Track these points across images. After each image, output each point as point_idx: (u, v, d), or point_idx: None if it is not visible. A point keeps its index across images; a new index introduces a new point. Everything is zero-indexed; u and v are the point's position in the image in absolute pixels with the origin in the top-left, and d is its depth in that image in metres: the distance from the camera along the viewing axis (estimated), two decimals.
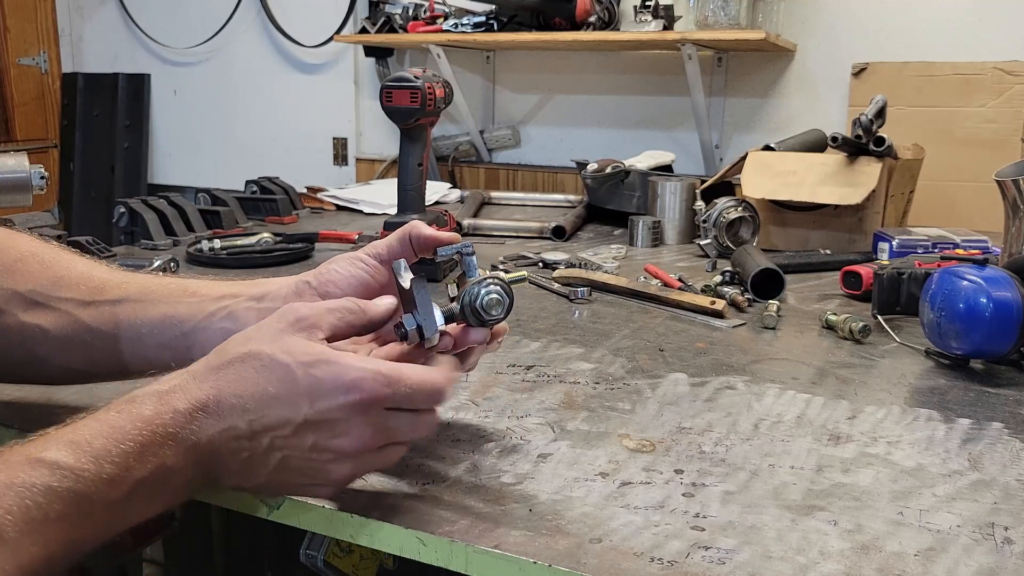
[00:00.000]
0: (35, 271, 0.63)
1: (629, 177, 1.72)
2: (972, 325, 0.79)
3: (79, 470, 0.44)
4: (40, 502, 0.42)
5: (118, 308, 0.62)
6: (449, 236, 0.63)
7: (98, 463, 0.44)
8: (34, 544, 0.41)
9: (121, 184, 3.02)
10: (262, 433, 0.50)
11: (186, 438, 0.48)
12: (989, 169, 1.06)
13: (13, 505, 0.41)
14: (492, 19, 2.13)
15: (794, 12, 2.08)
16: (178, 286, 0.63)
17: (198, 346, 0.60)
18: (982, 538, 0.51)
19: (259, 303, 0.61)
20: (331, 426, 0.50)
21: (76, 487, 0.43)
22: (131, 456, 0.46)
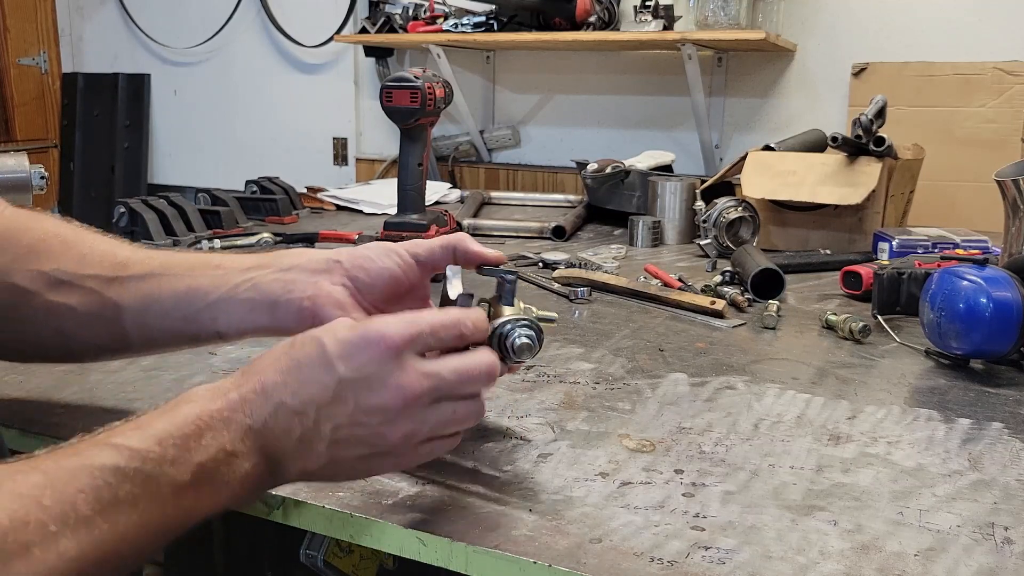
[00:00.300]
0: (58, 250, 0.63)
1: (629, 177, 1.72)
2: (972, 325, 0.79)
3: (144, 451, 0.45)
4: (110, 481, 0.43)
5: (143, 283, 0.62)
6: (495, 256, 0.62)
7: (162, 445, 0.45)
8: (106, 522, 0.42)
9: (121, 184, 3.02)
10: (308, 405, 0.49)
11: (242, 422, 0.48)
12: (989, 169, 1.06)
13: (85, 484, 0.42)
14: (492, 19, 2.13)
15: (794, 12, 2.08)
16: (201, 260, 0.63)
17: (223, 317, 0.60)
18: (982, 538, 0.51)
19: (286, 273, 0.61)
20: (367, 382, 0.49)
21: (143, 467, 0.44)
22: (191, 438, 0.46)
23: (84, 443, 0.45)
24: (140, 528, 0.44)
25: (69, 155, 3.11)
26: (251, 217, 1.72)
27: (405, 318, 0.51)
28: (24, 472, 0.42)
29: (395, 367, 0.50)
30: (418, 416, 0.51)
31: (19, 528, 0.39)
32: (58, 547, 0.40)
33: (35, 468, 0.43)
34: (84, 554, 0.41)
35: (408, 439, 0.51)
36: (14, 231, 0.63)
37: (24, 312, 0.62)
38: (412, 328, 0.50)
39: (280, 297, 0.60)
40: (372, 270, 0.61)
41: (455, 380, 0.52)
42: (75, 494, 0.42)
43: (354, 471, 0.53)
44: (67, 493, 0.42)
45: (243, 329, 0.61)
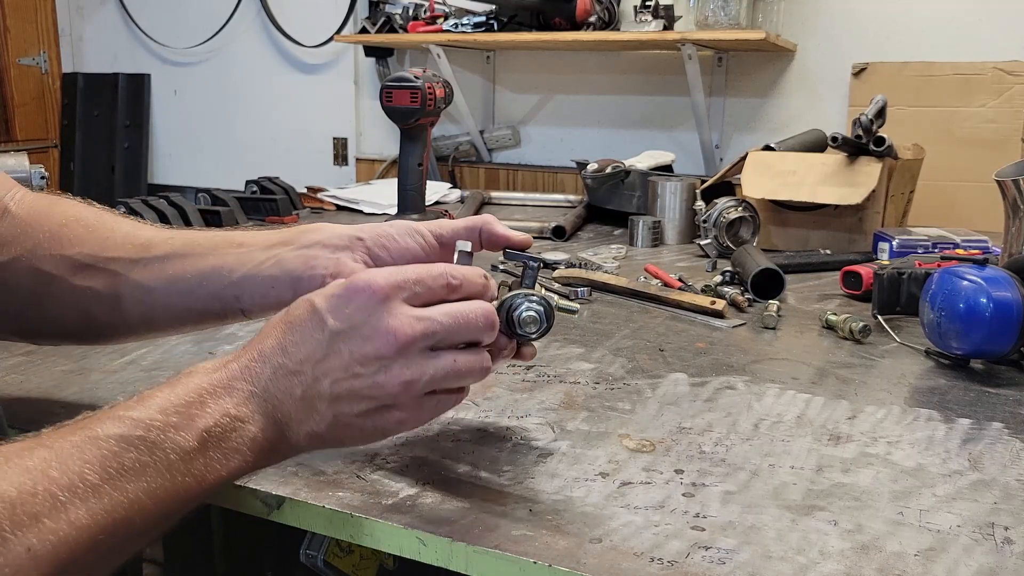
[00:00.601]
0: (81, 234, 0.63)
1: (629, 177, 1.72)
2: (972, 325, 0.79)
3: (147, 419, 0.46)
4: (115, 450, 0.44)
5: (166, 263, 0.62)
6: (522, 239, 0.62)
7: (164, 413, 0.46)
8: (115, 490, 0.43)
9: (121, 184, 3.02)
10: (304, 363, 0.50)
11: (243, 388, 0.49)
12: (989, 169, 1.06)
13: (91, 455, 0.43)
14: (492, 19, 2.13)
15: (794, 12, 2.08)
16: (224, 238, 0.64)
17: (247, 295, 0.61)
18: (982, 538, 0.51)
19: (308, 250, 0.61)
20: (358, 331, 0.49)
21: (147, 435, 0.45)
22: (193, 406, 0.47)
23: (88, 419, 0.46)
24: (150, 495, 0.45)
25: (69, 155, 3.11)
26: (251, 217, 1.72)
27: (391, 268, 0.51)
28: (31, 448, 0.43)
29: (384, 313, 0.50)
30: (415, 362, 0.50)
31: (27, 499, 0.40)
32: (68, 516, 0.41)
33: (41, 444, 0.43)
34: (95, 522, 0.42)
35: (409, 387, 0.51)
36: (35, 217, 0.64)
37: (49, 297, 0.63)
38: (398, 276, 0.51)
39: (303, 274, 0.60)
40: (394, 249, 0.61)
41: (450, 323, 0.51)
42: (82, 464, 0.43)
43: (362, 431, 0.52)
44: (74, 464, 0.43)
45: (266, 306, 0.61)
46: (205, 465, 0.47)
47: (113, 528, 0.43)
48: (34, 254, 0.63)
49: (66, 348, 0.82)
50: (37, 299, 0.63)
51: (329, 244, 0.61)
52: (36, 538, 0.40)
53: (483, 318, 0.53)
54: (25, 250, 0.63)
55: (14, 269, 0.63)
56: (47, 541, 0.40)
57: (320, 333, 0.50)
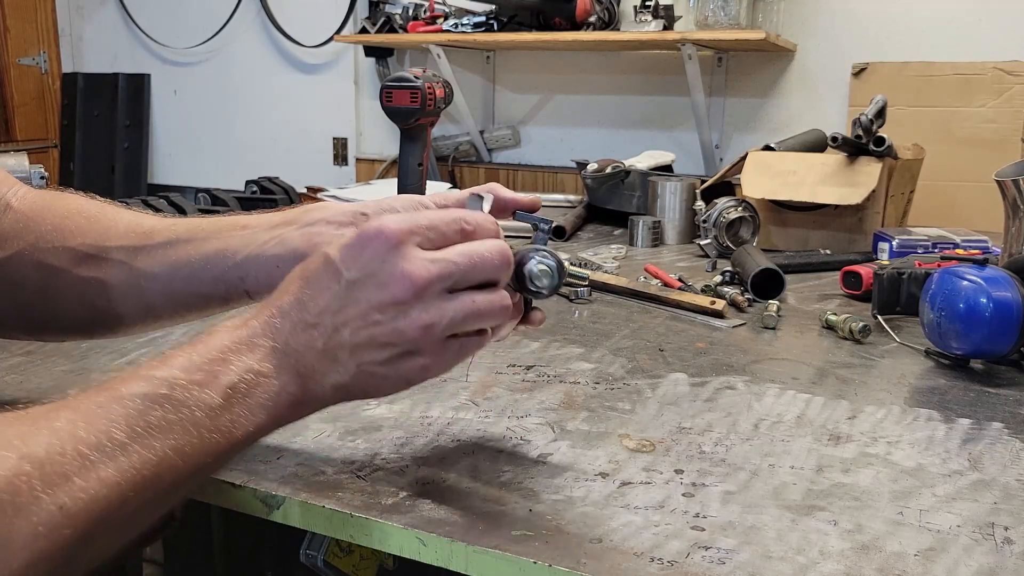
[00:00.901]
0: (83, 226, 0.64)
1: (629, 177, 1.72)
2: (972, 325, 0.79)
3: (171, 378, 0.46)
4: (140, 408, 0.44)
5: (169, 249, 0.62)
6: (530, 201, 0.61)
7: (187, 371, 0.47)
8: (143, 448, 0.44)
9: (121, 184, 3.02)
10: (322, 314, 0.50)
11: (265, 344, 0.49)
12: (989, 169, 1.06)
13: (117, 414, 0.44)
14: (492, 19, 2.13)
15: (794, 12, 2.08)
16: (228, 221, 0.64)
17: (251, 276, 0.61)
18: (982, 538, 0.51)
19: (312, 227, 0.61)
20: (374, 278, 0.49)
21: (172, 393, 0.46)
22: (216, 362, 0.48)
23: (112, 380, 0.46)
24: (178, 451, 0.45)
25: (69, 155, 3.11)
26: None
27: (404, 214, 0.51)
28: (56, 410, 0.44)
29: (399, 258, 0.49)
30: (433, 305, 0.50)
31: (57, 459, 0.41)
32: (98, 474, 0.42)
33: (67, 406, 0.44)
34: (125, 479, 0.43)
35: (429, 331, 0.50)
36: (37, 211, 0.64)
37: (55, 290, 0.63)
38: (410, 221, 0.50)
39: (307, 252, 0.59)
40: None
41: (465, 263, 0.50)
42: (108, 424, 0.43)
43: (386, 380, 0.51)
44: (100, 423, 0.43)
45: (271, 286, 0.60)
46: (232, 421, 0.47)
47: (143, 485, 0.43)
48: (37, 247, 0.63)
49: (66, 348, 0.82)
50: (43, 293, 0.63)
51: (333, 221, 0.61)
52: (68, 496, 0.40)
53: (499, 256, 0.52)
54: (28, 244, 0.63)
55: (19, 264, 0.63)
56: (79, 499, 0.41)
57: (336, 284, 0.50)
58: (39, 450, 0.41)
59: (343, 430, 0.65)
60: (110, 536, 0.43)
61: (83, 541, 0.41)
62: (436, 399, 0.71)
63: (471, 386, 0.75)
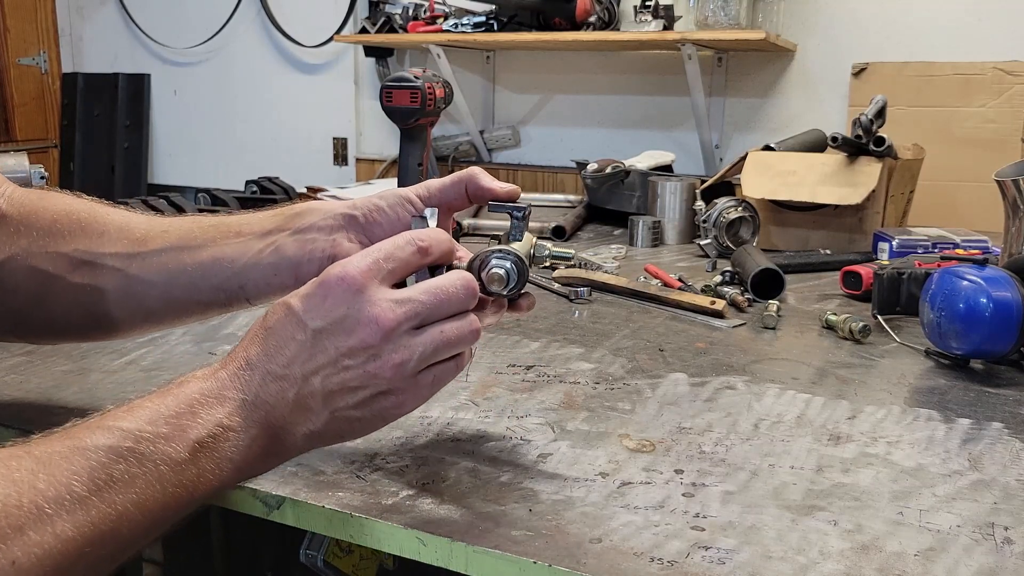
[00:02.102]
0: (75, 230, 0.63)
1: (629, 177, 1.72)
2: (972, 325, 0.79)
3: (137, 430, 0.45)
4: (104, 461, 0.44)
5: (164, 257, 0.63)
6: (508, 191, 0.62)
7: (153, 424, 0.46)
8: (103, 502, 0.43)
9: (121, 184, 3.02)
10: (290, 365, 0.50)
11: (235, 397, 0.49)
12: (989, 169, 1.06)
13: (79, 466, 0.43)
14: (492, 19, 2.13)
15: (794, 12, 2.08)
16: (219, 228, 0.64)
17: (251, 283, 0.61)
18: (982, 538, 0.51)
19: (305, 235, 0.61)
20: (340, 325, 0.49)
21: (137, 447, 0.45)
22: (184, 416, 0.47)
23: (77, 428, 0.46)
24: (138, 506, 0.44)
25: (69, 155, 3.11)
26: None
27: (361, 252, 0.51)
28: (17, 457, 0.42)
29: (363, 302, 0.49)
30: (403, 343, 0.50)
31: (13, 511, 0.40)
32: (54, 528, 0.41)
33: (28, 453, 0.43)
34: (81, 534, 0.42)
35: (400, 370, 0.50)
36: (26, 215, 0.63)
37: (49, 296, 0.63)
38: (368, 259, 0.50)
39: (302, 259, 0.60)
40: (386, 223, 0.62)
41: (431, 301, 0.51)
42: (69, 476, 0.42)
43: (362, 422, 0.52)
44: (61, 475, 0.42)
45: (270, 292, 0.62)
46: (196, 475, 0.47)
47: (100, 540, 0.43)
48: (29, 252, 0.62)
49: (66, 348, 0.82)
50: (37, 298, 0.63)
51: (324, 227, 0.61)
52: (21, 551, 0.39)
53: (463, 289, 0.52)
54: (20, 249, 0.62)
55: (11, 270, 0.62)
56: (32, 554, 0.40)
57: (302, 334, 0.50)
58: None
59: None
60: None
61: None
62: (436, 399, 0.71)
63: (471, 386, 0.75)
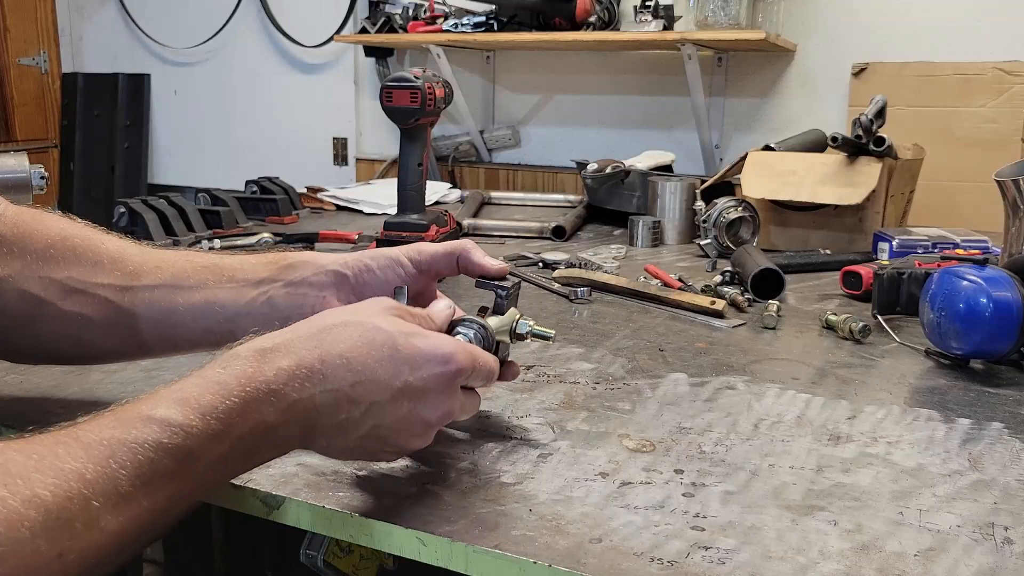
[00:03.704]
0: (69, 257, 0.64)
1: (629, 177, 1.72)
2: (972, 325, 0.79)
3: (187, 426, 0.45)
4: (151, 458, 0.43)
5: (156, 294, 0.64)
6: (497, 269, 0.66)
7: (204, 419, 0.45)
8: (144, 498, 0.43)
9: (121, 184, 3.02)
10: (363, 396, 0.51)
11: (288, 395, 0.49)
12: (989, 169, 1.06)
13: (127, 461, 0.43)
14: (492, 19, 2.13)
15: (794, 12, 2.08)
16: (212, 270, 0.65)
17: (241, 330, 0.62)
18: (982, 538, 0.51)
19: (296, 288, 0.64)
20: (424, 395, 0.53)
21: (184, 443, 0.44)
22: (235, 412, 0.47)
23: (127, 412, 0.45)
24: (177, 500, 0.45)
25: (69, 155, 3.10)
26: (251, 217, 1.72)
27: (465, 348, 0.55)
28: (65, 444, 0.42)
29: (449, 392, 0.54)
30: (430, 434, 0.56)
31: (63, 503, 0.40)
32: (100, 523, 0.41)
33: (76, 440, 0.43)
34: (124, 529, 0.42)
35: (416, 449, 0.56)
36: (20, 236, 0.63)
37: (39, 321, 0.63)
38: (470, 361, 0.55)
39: (292, 312, 0.62)
40: (375, 285, 0.64)
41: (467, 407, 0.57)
42: (116, 470, 0.42)
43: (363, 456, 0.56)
44: (109, 469, 0.42)
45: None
46: (228, 469, 0.48)
47: (140, 534, 0.43)
48: (22, 276, 0.62)
49: None
50: (25, 321, 0.63)
51: (315, 283, 0.64)
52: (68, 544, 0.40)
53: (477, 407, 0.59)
54: (14, 271, 0.62)
55: (2, 290, 0.62)
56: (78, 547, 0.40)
57: (392, 379, 0.51)
58: (45, 493, 0.39)
59: None
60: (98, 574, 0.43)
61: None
62: None
63: None
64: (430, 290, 0.68)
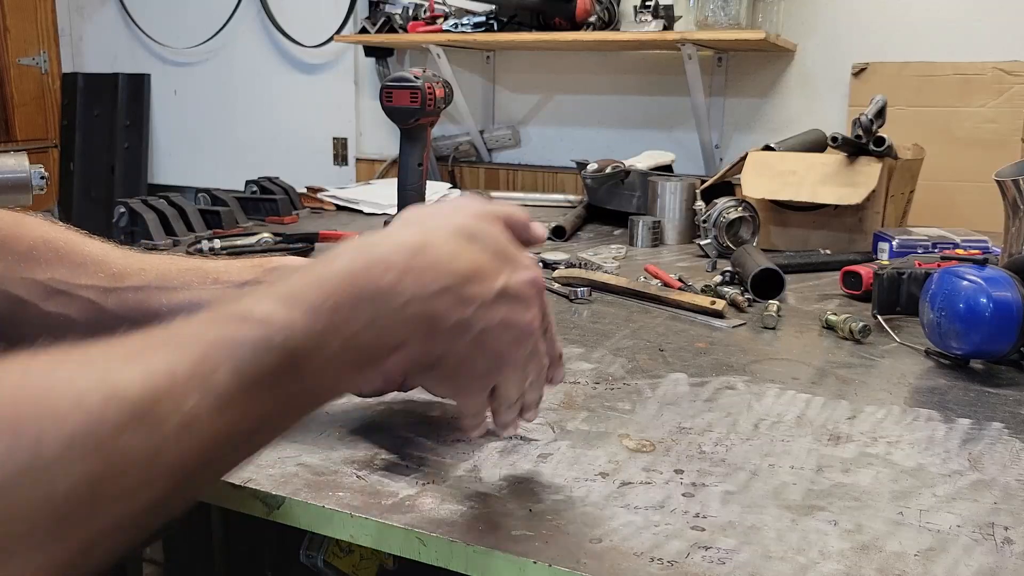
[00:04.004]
0: (51, 259, 0.63)
1: (629, 177, 1.72)
2: (972, 325, 0.79)
3: (290, 324, 0.41)
4: (251, 357, 0.40)
5: (141, 295, 0.63)
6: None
7: (309, 316, 0.42)
8: (247, 400, 0.40)
9: (121, 184, 3.02)
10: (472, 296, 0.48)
11: (400, 292, 0.45)
12: (989, 169, 1.06)
13: (224, 359, 0.39)
14: (492, 19, 2.13)
15: (794, 12, 2.08)
16: (196, 271, 0.65)
17: None
18: (982, 538, 0.51)
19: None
20: (519, 301, 0.51)
21: (287, 342, 0.41)
22: (343, 309, 0.43)
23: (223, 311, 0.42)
24: (286, 404, 0.42)
25: (69, 155, 3.10)
26: (251, 217, 1.72)
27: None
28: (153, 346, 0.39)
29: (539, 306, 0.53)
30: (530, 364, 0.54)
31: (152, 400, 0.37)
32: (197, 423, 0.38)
33: (166, 340, 0.40)
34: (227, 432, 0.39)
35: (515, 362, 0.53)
36: (5, 238, 0.63)
37: (20, 321, 0.63)
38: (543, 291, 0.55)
39: None
40: None
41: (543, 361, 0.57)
42: (213, 369, 0.39)
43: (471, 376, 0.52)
44: (204, 368, 0.39)
45: None
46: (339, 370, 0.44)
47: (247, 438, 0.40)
48: (4, 277, 0.62)
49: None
50: (7, 323, 0.63)
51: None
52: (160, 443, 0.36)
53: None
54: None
55: None
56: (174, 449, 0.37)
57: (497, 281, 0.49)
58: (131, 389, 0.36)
59: (344, 430, 0.65)
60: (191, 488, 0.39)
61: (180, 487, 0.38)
62: (436, 398, 0.71)
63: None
64: None
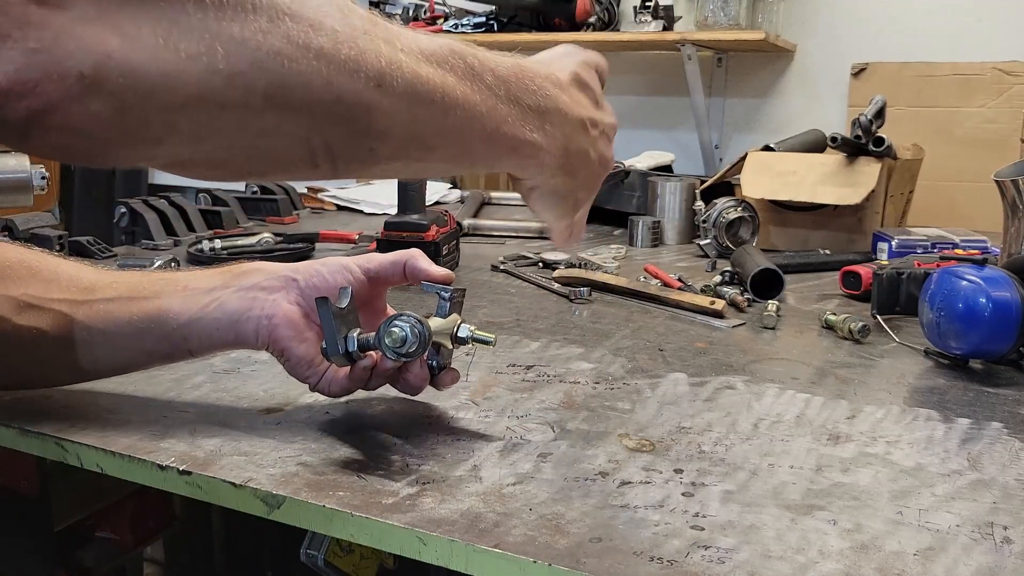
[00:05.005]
0: (24, 276, 0.65)
1: (629, 177, 1.72)
2: (971, 325, 0.79)
3: (472, 47, 0.50)
4: (437, 49, 0.47)
5: (112, 306, 0.64)
6: (441, 275, 0.67)
7: (486, 51, 0.51)
8: (440, 73, 0.47)
9: (122, 184, 3.02)
10: (588, 129, 0.59)
11: (550, 96, 0.55)
12: (989, 169, 1.06)
13: (415, 42, 0.46)
14: (492, 19, 2.13)
15: (794, 12, 2.08)
16: (168, 281, 0.66)
17: (193, 337, 0.64)
18: (981, 538, 0.51)
19: (248, 292, 0.65)
20: (609, 141, 0.62)
21: (466, 48, 0.49)
22: (510, 66, 0.52)
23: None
24: (467, 95, 0.48)
25: None
26: (252, 217, 1.72)
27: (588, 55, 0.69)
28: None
29: (609, 149, 0.64)
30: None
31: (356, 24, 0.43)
32: (409, 62, 0.44)
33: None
34: (431, 79, 0.46)
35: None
36: None
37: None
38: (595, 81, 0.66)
39: (241, 316, 0.63)
40: (323, 288, 0.65)
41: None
42: (410, 44, 0.45)
43: (579, 194, 0.65)
44: (400, 44, 0.45)
45: (212, 346, 0.65)
46: (508, 121, 0.51)
47: (431, 92, 0.46)
48: None
49: None
50: None
51: (266, 287, 0.65)
52: (388, 62, 0.43)
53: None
54: None
55: None
56: (395, 60, 0.43)
57: (593, 111, 0.62)
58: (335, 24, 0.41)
59: (344, 430, 0.65)
60: (416, 135, 0.46)
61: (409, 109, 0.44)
62: (436, 398, 0.71)
63: (471, 386, 0.76)
64: (380, 300, 0.70)
